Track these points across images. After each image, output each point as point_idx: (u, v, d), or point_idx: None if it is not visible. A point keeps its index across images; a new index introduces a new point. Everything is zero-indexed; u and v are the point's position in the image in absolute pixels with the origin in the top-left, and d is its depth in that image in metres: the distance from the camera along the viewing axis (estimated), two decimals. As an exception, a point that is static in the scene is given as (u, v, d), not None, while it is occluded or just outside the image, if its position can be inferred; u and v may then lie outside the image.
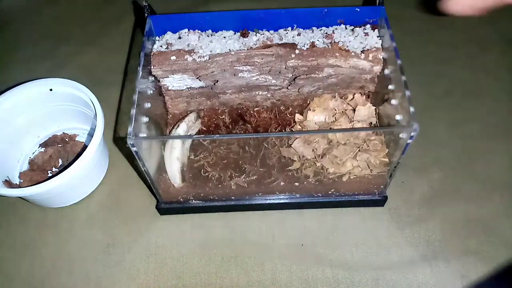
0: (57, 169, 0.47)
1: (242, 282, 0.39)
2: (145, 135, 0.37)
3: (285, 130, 0.45)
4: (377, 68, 0.41)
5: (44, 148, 0.49)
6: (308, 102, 0.46)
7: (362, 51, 0.41)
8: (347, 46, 0.41)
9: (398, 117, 0.38)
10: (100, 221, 0.43)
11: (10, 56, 0.56)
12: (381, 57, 0.41)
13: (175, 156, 0.42)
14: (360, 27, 0.42)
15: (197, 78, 0.41)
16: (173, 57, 0.40)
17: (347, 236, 0.42)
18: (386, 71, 0.40)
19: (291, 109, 0.46)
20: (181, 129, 0.44)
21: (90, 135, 0.49)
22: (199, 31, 0.42)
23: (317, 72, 0.41)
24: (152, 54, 0.40)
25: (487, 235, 0.41)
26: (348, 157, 0.41)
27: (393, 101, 0.39)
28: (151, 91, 0.41)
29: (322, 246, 0.41)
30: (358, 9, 0.42)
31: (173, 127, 0.45)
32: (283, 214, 0.43)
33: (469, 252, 0.41)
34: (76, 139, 0.49)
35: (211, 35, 0.42)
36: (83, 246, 0.42)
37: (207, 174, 0.43)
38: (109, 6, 0.61)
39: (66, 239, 0.42)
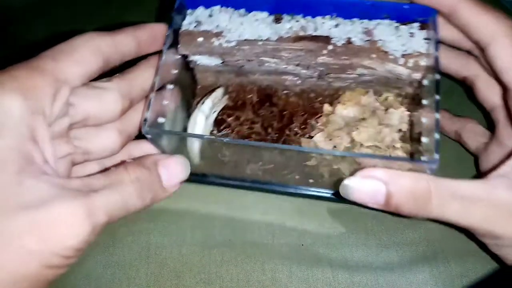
0: None
1: (242, 282, 0.40)
2: (163, 120, 0.38)
3: (311, 119, 0.44)
4: (417, 75, 0.38)
5: None
6: (340, 93, 0.43)
7: (403, 55, 0.37)
8: (387, 47, 0.37)
9: (424, 139, 0.35)
10: None
11: (10, 56, 0.56)
12: (423, 64, 0.37)
13: (197, 132, 0.43)
14: (407, 24, 0.38)
15: (222, 62, 0.40)
16: (200, 39, 0.39)
17: (347, 236, 0.42)
18: (425, 82, 0.37)
19: (321, 98, 0.44)
20: (206, 106, 0.44)
21: None
22: (232, 9, 0.40)
23: (349, 71, 0.39)
24: (180, 32, 0.39)
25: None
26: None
27: (424, 119, 0.36)
28: (176, 67, 0.41)
29: (322, 246, 0.42)
30: (407, 7, 0.37)
31: (198, 102, 0.45)
32: (283, 214, 0.43)
33: (469, 252, 0.40)
34: None
35: (244, 15, 0.40)
36: None
37: (224, 158, 0.43)
38: (108, 6, 0.58)
39: None
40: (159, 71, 0.37)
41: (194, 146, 0.43)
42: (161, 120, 0.38)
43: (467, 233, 0.40)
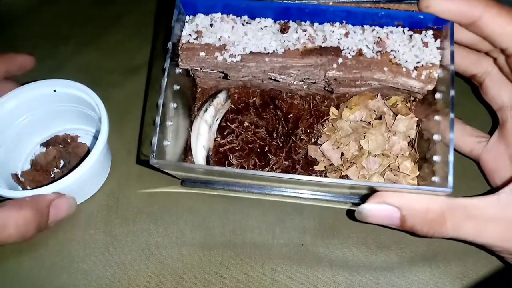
0: (59, 170, 0.47)
1: (242, 282, 0.41)
2: (168, 143, 0.37)
3: (317, 123, 0.43)
4: (429, 87, 0.36)
5: (45, 148, 0.47)
6: (347, 96, 0.42)
7: (416, 67, 0.36)
8: (399, 60, 0.36)
9: (436, 158, 0.35)
10: (100, 221, 0.44)
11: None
12: (436, 75, 0.36)
13: (201, 144, 0.42)
14: (420, 32, 0.36)
15: (224, 76, 0.38)
16: (202, 53, 0.36)
17: (347, 236, 0.43)
18: (437, 95, 0.36)
19: (326, 102, 0.43)
20: (209, 115, 0.42)
21: (94, 137, 0.47)
22: (234, 17, 0.37)
23: (359, 82, 0.37)
24: (180, 46, 0.37)
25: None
26: (376, 172, 0.40)
27: (436, 136, 0.35)
28: (177, 82, 0.39)
29: (322, 246, 0.42)
30: (422, 16, 0.35)
31: (200, 107, 0.43)
32: (283, 214, 0.43)
33: (469, 252, 0.41)
34: (78, 140, 0.48)
35: (247, 23, 0.37)
36: (83, 246, 0.42)
37: (232, 166, 0.43)
38: (109, 6, 0.54)
39: (66, 239, 0.43)
40: (162, 91, 0.35)
41: (198, 157, 0.42)
42: (166, 143, 0.37)
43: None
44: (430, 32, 0.36)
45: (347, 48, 0.36)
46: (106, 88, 0.48)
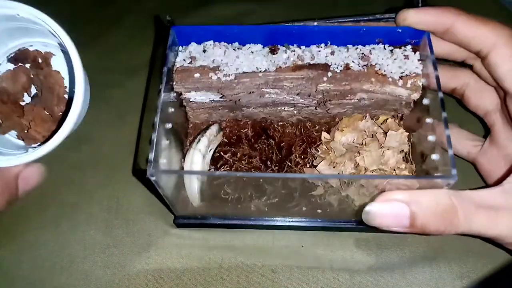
0: (30, 98, 0.44)
1: (242, 283, 0.40)
2: (165, 161, 0.36)
3: (310, 149, 0.43)
4: (415, 96, 0.38)
5: (13, 65, 0.43)
6: (336, 120, 0.43)
7: (401, 77, 0.38)
8: (385, 71, 0.38)
9: (434, 156, 0.35)
10: (100, 221, 0.43)
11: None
12: (420, 84, 0.38)
13: (195, 175, 0.41)
14: (400, 47, 0.39)
15: (221, 96, 0.39)
16: (197, 75, 0.38)
17: (347, 237, 0.42)
18: (425, 101, 0.37)
19: (318, 126, 0.44)
20: (202, 144, 0.42)
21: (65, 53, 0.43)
22: (225, 44, 0.39)
23: (349, 96, 0.39)
24: (175, 70, 0.38)
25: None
26: (375, 188, 0.39)
27: (430, 137, 0.36)
28: (172, 105, 0.39)
29: (322, 247, 0.41)
30: (400, 30, 0.38)
31: (193, 140, 0.43)
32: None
33: (469, 252, 0.41)
34: (51, 61, 0.44)
35: (238, 48, 0.39)
36: (83, 247, 0.42)
37: (227, 196, 0.41)
38: (109, 6, 0.58)
39: (66, 239, 0.42)
40: (158, 111, 0.35)
41: (193, 186, 0.41)
42: (162, 161, 0.36)
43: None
44: (409, 46, 0.39)
45: (335, 63, 0.38)
46: (106, 88, 0.49)
